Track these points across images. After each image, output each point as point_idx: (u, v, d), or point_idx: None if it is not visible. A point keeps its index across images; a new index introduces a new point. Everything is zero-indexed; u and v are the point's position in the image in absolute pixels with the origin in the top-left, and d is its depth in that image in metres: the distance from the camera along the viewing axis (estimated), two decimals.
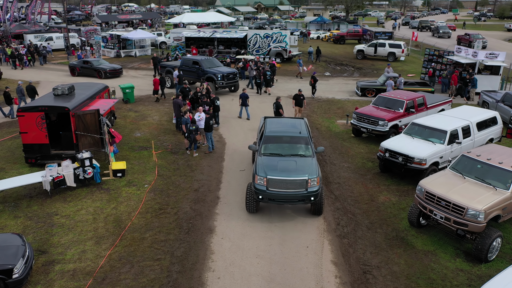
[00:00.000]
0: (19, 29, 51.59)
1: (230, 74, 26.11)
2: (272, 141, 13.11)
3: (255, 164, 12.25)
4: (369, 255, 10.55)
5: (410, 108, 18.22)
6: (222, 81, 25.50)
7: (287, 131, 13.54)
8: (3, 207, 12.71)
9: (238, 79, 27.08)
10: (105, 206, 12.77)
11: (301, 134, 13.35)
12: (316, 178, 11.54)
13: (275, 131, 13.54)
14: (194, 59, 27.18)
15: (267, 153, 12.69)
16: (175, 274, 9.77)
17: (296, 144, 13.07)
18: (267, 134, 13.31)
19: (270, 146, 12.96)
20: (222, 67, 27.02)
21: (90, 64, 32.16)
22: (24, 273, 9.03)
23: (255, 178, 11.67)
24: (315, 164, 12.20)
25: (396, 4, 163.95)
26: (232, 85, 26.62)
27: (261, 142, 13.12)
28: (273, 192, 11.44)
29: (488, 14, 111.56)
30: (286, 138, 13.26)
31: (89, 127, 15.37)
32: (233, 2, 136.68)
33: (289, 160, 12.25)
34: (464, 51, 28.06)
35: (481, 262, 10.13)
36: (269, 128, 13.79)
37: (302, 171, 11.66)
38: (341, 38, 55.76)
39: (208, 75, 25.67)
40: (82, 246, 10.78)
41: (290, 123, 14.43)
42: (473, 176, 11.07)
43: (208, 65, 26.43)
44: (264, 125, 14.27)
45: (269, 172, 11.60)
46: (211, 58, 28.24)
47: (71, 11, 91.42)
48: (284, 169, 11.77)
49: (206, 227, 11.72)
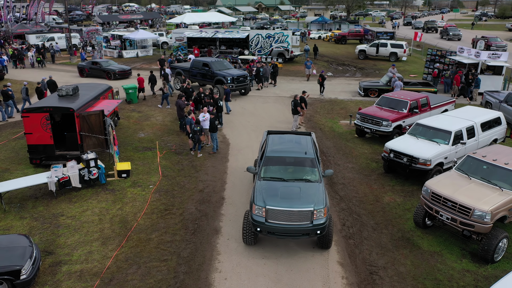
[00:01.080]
0: (21, 29, 51.67)
1: (241, 76, 25.31)
2: (274, 163, 11.68)
3: (253, 190, 10.89)
4: (375, 256, 10.57)
5: (413, 109, 18.23)
6: (232, 84, 24.69)
7: (291, 151, 12.06)
8: (9, 208, 12.73)
9: (249, 82, 26.27)
10: (110, 207, 12.79)
11: (307, 155, 11.81)
12: (323, 209, 10.13)
13: (277, 150, 12.07)
14: (204, 61, 26.30)
15: (267, 177, 11.26)
16: (182, 275, 9.79)
17: (301, 166, 11.62)
18: (268, 154, 11.88)
19: (271, 169, 11.55)
20: (233, 70, 26.22)
21: (99, 65, 31.93)
22: (31, 274, 9.04)
23: (253, 208, 10.30)
24: (322, 191, 10.74)
25: (396, 4, 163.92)
26: (242, 88, 25.77)
27: (261, 164, 11.74)
28: (273, 224, 10.07)
29: (489, 14, 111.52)
30: (290, 159, 11.80)
31: (94, 127, 15.39)
32: (234, 2, 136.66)
33: (292, 186, 10.81)
34: (466, 51, 28.06)
35: (488, 263, 10.15)
36: (271, 146, 12.34)
37: (307, 200, 10.26)
38: (343, 38, 55.81)
39: (218, 77, 24.92)
40: (88, 247, 10.80)
41: (295, 140, 12.82)
42: (479, 177, 11.07)
43: (218, 67, 25.60)
44: (266, 142, 12.85)
45: (269, 201, 10.23)
46: (222, 60, 27.28)
47: (72, 11, 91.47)
48: (286, 197, 10.39)
49: (212, 227, 11.74)
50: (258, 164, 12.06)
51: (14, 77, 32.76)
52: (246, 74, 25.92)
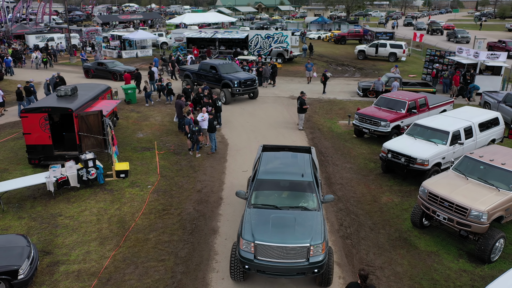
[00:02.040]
0: (21, 29, 51.73)
1: (248, 80, 24.45)
2: (266, 187, 10.39)
3: (242, 220, 9.63)
4: (372, 255, 10.59)
5: (412, 109, 18.26)
6: (239, 87, 24.00)
7: (286, 172, 10.74)
8: (7, 208, 12.76)
9: (257, 86, 25.39)
10: (108, 207, 12.81)
11: (304, 177, 10.48)
12: (321, 244, 8.89)
13: (270, 171, 10.79)
14: (212, 64, 25.51)
15: (258, 204, 10.00)
16: (180, 275, 9.82)
17: (297, 191, 10.31)
18: (260, 177, 10.56)
19: (263, 194, 10.29)
20: (241, 73, 25.27)
21: (105, 66, 31.64)
22: (29, 274, 9.07)
23: (240, 242, 9.09)
24: (320, 221, 9.45)
25: (396, 4, 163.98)
26: (250, 91, 25.01)
27: (252, 188, 10.43)
28: (263, 262, 8.83)
29: (489, 14, 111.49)
30: (284, 183, 10.45)
31: (92, 128, 15.42)
32: (233, 2, 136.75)
33: (286, 216, 9.54)
34: (465, 51, 28.09)
35: (484, 263, 10.17)
36: (264, 166, 11.04)
37: (302, 234, 9.04)
38: (342, 39, 55.84)
39: (225, 81, 24.24)
40: (86, 247, 10.82)
41: (291, 159, 11.52)
42: (476, 177, 11.10)
43: (225, 70, 24.82)
44: (259, 160, 11.58)
45: (259, 235, 8.98)
46: (230, 63, 26.51)
47: (71, 11, 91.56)
48: (279, 229, 9.14)
49: (209, 228, 11.77)
50: (250, 187, 10.84)
51: (15, 77, 32.83)
52: (254, 77, 25.15)
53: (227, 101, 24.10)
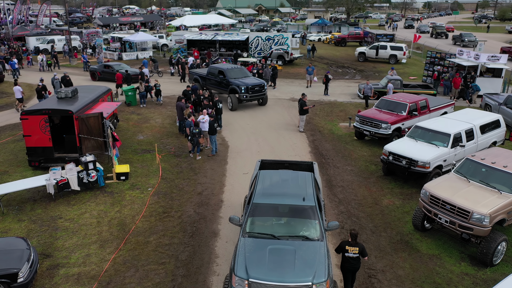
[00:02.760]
0: (21, 31, 51.77)
1: (256, 86, 23.30)
2: (263, 213, 9.36)
3: (235, 252, 8.65)
4: (373, 259, 10.54)
5: (413, 111, 18.22)
6: (246, 93, 22.91)
7: (286, 195, 9.68)
8: (7, 211, 12.72)
9: (266, 91, 24.19)
10: (109, 210, 12.77)
11: (305, 201, 9.41)
12: (325, 282, 7.89)
13: (268, 193, 9.72)
14: (220, 68, 24.66)
15: (254, 232, 8.98)
16: (180, 278, 9.77)
17: (297, 218, 9.27)
18: (256, 200, 9.52)
19: (259, 221, 9.29)
20: (249, 78, 24.10)
21: (111, 69, 31.05)
22: (29, 277, 9.01)
23: (233, 279, 8.12)
24: (323, 253, 8.43)
25: (396, 6, 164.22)
26: (259, 97, 23.92)
27: (247, 212, 9.41)
28: None
29: (489, 16, 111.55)
30: (283, 208, 9.40)
31: (93, 130, 15.38)
32: (234, 4, 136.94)
33: (285, 248, 8.51)
34: (466, 53, 28.07)
35: (486, 266, 10.12)
36: (260, 188, 9.95)
37: (304, 270, 8.06)
38: (342, 41, 55.83)
39: (232, 86, 23.25)
40: (86, 250, 10.78)
41: (291, 179, 10.42)
42: (478, 180, 11.06)
43: (233, 75, 23.80)
44: (256, 179, 10.47)
45: (253, 271, 8.02)
46: (239, 67, 25.36)
47: (72, 13, 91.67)
48: (277, 264, 8.16)
49: (210, 230, 11.72)
50: (245, 211, 9.72)
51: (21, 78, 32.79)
52: (263, 83, 23.96)
53: (233, 108, 23.36)
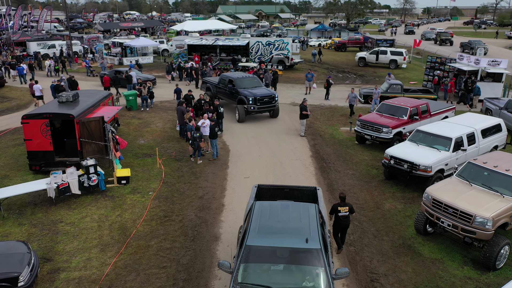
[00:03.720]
0: (22, 36, 51.91)
1: (265, 97, 21.82)
2: (258, 258, 7.79)
3: None
4: (376, 263, 10.48)
5: (414, 115, 18.21)
6: (254, 105, 21.53)
7: (286, 233, 8.11)
8: (7, 215, 12.67)
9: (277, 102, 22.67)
10: (109, 214, 12.72)
11: (308, 244, 7.82)
12: None
13: (265, 232, 8.14)
14: (230, 77, 23.36)
15: (247, 283, 7.42)
16: (181, 282, 9.71)
17: (299, 265, 7.70)
18: (249, 241, 7.93)
19: (254, 269, 7.77)
20: (260, 88, 22.61)
21: (122, 75, 29.73)
22: (29, 281, 8.96)
23: None
24: None
25: (396, 12, 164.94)
26: (268, 109, 22.39)
27: (239, 258, 7.79)
28: None
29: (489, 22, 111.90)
30: (283, 252, 7.82)
31: (94, 134, 15.37)
32: (234, 10, 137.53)
33: None
34: (466, 58, 28.13)
35: (489, 270, 10.06)
36: (255, 225, 8.35)
37: None
38: (343, 46, 56.02)
39: (240, 97, 21.96)
40: (87, 254, 10.72)
41: (292, 213, 8.79)
42: (480, 183, 11.03)
43: (243, 85, 22.52)
44: (251, 213, 8.86)
45: None
46: (251, 77, 23.86)
47: (73, 19, 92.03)
48: None
49: (211, 234, 11.67)
50: (236, 254, 8.14)
51: (18, 83, 32.91)
52: (274, 94, 22.42)
53: (240, 119, 22.03)
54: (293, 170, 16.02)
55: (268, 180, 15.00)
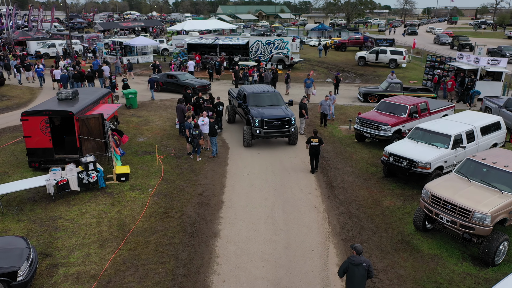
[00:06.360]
0: (22, 36, 51.93)
1: (276, 119, 17.55)
2: None
3: None
4: (375, 259, 10.48)
5: (413, 113, 18.22)
6: (260, 128, 17.48)
7: None
8: (6, 211, 12.67)
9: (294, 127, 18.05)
10: (109, 210, 12.72)
11: None
12: None
13: None
14: (244, 91, 19.62)
15: None
16: (180, 277, 9.71)
17: None
18: None
19: None
20: (274, 108, 18.41)
21: (175, 79, 28.24)
22: (28, 276, 8.96)
23: None
24: None
25: (396, 12, 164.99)
26: (280, 135, 18.01)
27: None
28: None
29: (489, 22, 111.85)
30: None
31: (93, 131, 15.37)
32: (234, 10, 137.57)
33: None
34: (466, 57, 28.14)
35: (488, 265, 10.07)
36: None
37: None
38: (343, 45, 56.03)
39: (248, 116, 18.22)
40: (86, 250, 10.72)
41: None
42: (479, 180, 11.03)
43: (254, 102, 18.85)
44: None
45: None
46: (271, 92, 19.71)
47: (73, 18, 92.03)
48: None
49: (210, 230, 11.67)
50: None
51: (16, 82, 32.90)
52: (289, 116, 17.73)
53: (245, 143, 18.23)
54: (292, 167, 16.03)
55: (267, 178, 15.02)
